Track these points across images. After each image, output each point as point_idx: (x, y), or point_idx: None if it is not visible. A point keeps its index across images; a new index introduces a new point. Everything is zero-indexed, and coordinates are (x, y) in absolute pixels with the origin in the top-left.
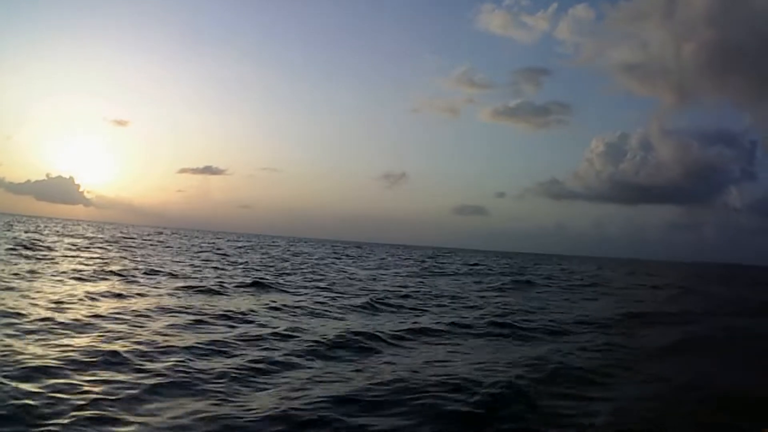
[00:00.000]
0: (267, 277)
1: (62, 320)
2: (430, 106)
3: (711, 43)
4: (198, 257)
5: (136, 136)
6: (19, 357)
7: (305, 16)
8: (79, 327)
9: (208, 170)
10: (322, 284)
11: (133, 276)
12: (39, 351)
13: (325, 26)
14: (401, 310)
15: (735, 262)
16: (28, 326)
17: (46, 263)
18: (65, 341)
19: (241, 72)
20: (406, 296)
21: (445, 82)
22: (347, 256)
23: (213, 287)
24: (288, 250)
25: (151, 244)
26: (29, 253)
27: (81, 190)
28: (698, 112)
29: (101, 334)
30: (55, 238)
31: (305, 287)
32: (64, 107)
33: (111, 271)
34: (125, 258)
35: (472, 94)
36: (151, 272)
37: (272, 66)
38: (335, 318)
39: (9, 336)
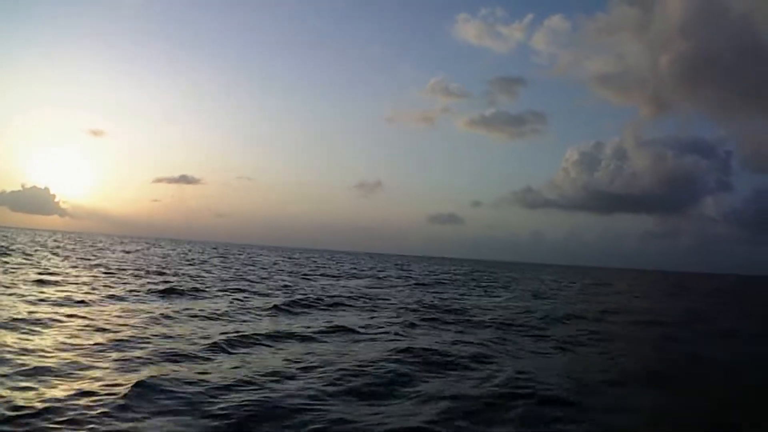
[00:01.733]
0: None
1: None
2: (405, 116)
3: (686, 54)
4: None
5: (112, 146)
6: None
7: (280, 27)
8: None
9: (183, 179)
10: None
11: None
12: None
13: (300, 37)
14: None
15: (713, 272)
16: None
17: None
18: None
19: (216, 82)
20: None
21: (420, 92)
22: None
23: None
24: None
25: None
26: None
27: (56, 200)
28: (673, 122)
29: None
30: None
31: None
32: (39, 117)
33: None
34: None
35: (447, 104)
36: None
37: (246, 76)
38: None
39: None
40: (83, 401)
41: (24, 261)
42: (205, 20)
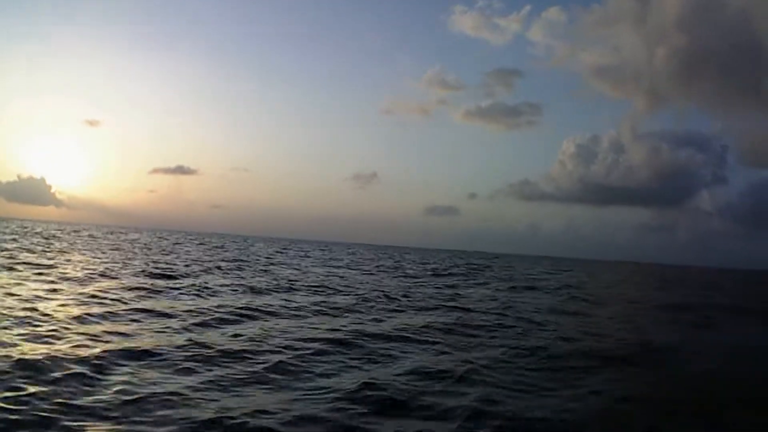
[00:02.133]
0: None
1: None
2: (401, 107)
3: (683, 48)
4: None
5: (108, 136)
6: None
7: (275, 17)
8: None
9: (179, 170)
10: None
11: None
12: None
13: (295, 28)
14: None
15: (708, 266)
16: None
17: None
18: None
19: (213, 73)
20: None
21: (416, 83)
22: None
23: None
24: None
25: None
26: None
27: (52, 191)
28: (670, 115)
29: None
30: None
31: None
32: (35, 107)
33: None
34: None
35: (444, 95)
36: None
37: (243, 67)
38: None
39: None
40: (64, 364)
41: (22, 247)
42: (203, 11)
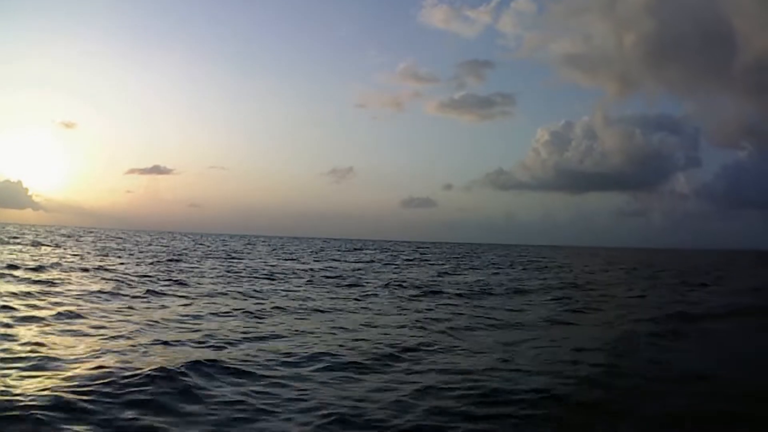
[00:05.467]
0: None
1: None
2: (375, 101)
3: (651, 34)
4: None
5: (84, 137)
6: None
7: (247, 13)
8: None
9: (156, 170)
10: None
11: None
12: None
13: (267, 22)
14: None
15: (684, 248)
16: None
17: None
18: None
19: (186, 70)
20: None
21: (389, 77)
22: None
23: None
24: None
25: None
26: None
27: (29, 193)
28: (641, 100)
29: None
30: None
31: None
32: (10, 109)
33: None
34: None
35: (417, 88)
36: None
37: (216, 63)
38: None
39: None
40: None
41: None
42: (173, 9)
